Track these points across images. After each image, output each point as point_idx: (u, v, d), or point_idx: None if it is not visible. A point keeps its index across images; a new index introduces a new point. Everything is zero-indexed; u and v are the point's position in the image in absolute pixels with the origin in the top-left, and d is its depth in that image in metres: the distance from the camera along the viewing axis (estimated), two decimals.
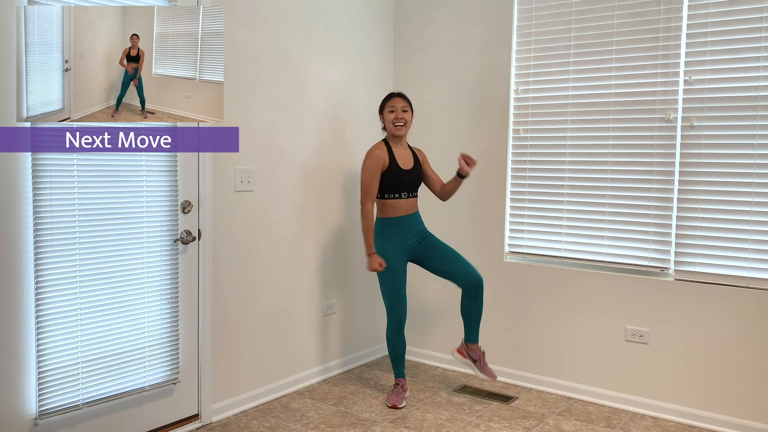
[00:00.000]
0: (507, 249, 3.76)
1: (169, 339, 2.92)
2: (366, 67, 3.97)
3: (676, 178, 3.20)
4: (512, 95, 3.69)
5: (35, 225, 2.43)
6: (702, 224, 3.15)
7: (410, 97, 3.50)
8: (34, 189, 2.41)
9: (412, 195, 3.40)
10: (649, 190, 3.29)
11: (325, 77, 3.68)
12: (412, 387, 3.65)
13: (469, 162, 3.28)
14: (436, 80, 3.97)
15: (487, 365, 3.41)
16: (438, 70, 3.97)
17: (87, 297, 2.61)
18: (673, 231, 3.23)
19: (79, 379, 2.61)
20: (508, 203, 3.74)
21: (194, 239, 2.99)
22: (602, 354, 3.45)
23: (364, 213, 3.31)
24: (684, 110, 3.17)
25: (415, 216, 3.42)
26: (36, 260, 2.44)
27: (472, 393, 3.57)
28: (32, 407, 2.48)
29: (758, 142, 2.99)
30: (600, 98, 3.40)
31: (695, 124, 3.14)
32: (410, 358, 4.09)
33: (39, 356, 2.47)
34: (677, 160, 3.20)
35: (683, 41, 3.16)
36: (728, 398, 3.10)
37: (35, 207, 2.42)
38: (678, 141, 3.19)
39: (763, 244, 3.00)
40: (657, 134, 3.25)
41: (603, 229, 3.43)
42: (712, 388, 3.14)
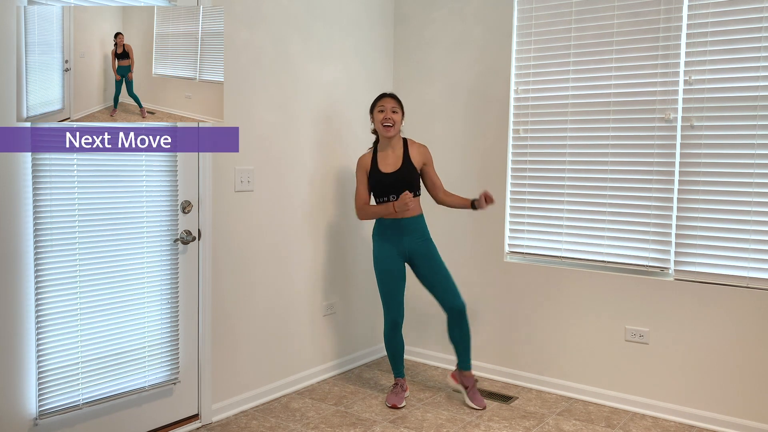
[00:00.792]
0: (507, 249, 3.76)
1: (169, 339, 2.92)
2: (366, 67, 3.97)
3: (676, 178, 3.20)
4: (512, 95, 3.69)
5: (35, 225, 2.43)
6: (702, 224, 3.15)
7: (410, 97, 3.50)
8: (34, 189, 2.41)
9: None
10: (649, 190, 3.29)
11: (325, 77, 3.68)
12: (412, 387, 3.65)
13: (488, 200, 3.27)
14: (436, 80, 3.97)
15: (478, 394, 3.37)
16: (438, 70, 3.97)
17: (87, 297, 2.61)
18: (673, 231, 3.23)
19: (79, 379, 2.61)
20: (508, 203, 3.74)
21: (194, 239, 2.99)
22: (602, 354, 3.45)
23: (359, 210, 3.36)
24: (684, 110, 3.17)
25: (415, 220, 3.33)
26: (36, 260, 2.44)
27: None
28: (32, 407, 2.48)
29: (758, 142, 2.99)
30: (600, 98, 3.40)
31: (695, 124, 3.14)
32: (410, 358, 4.09)
33: (39, 356, 2.47)
34: (677, 160, 3.20)
35: (683, 41, 3.16)
36: (728, 398, 3.10)
37: (35, 207, 2.42)
38: (678, 141, 3.19)
39: (763, 244, 3.00)
40: (657, 134, 3.25)
41: (603, 229, 3.43)
42: (712, 388, 3.14)
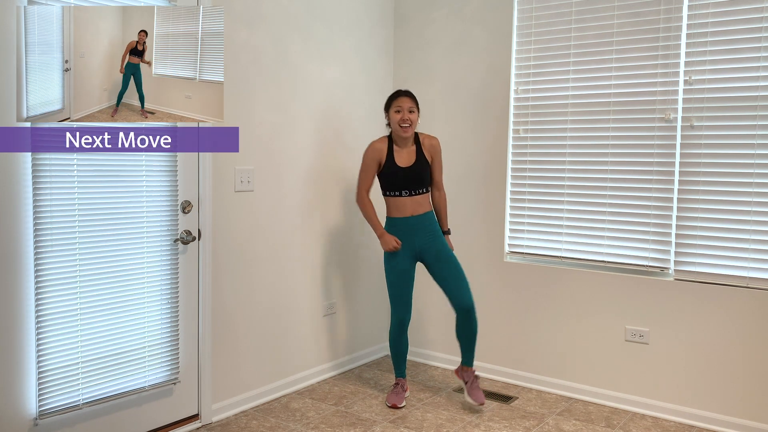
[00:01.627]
0: (507, 249, 3.76)
1: (169, 339, 2.92)
2: (366, 67, 3.96)
3: (676, 178, 3.20)
4: (512, 95, 3.69)
5: (35, 225, 2.43)
6: (702, 224, 3.15)
7: None
8: (34, 189, 2.41)
9: (417, 192, 3.30)
10: (649, 190, 3.29)
11: (325, 77, 3.68)
12: (412, 387, 3.65)
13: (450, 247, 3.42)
14: (436, 80, 3.97)
15: (477, 389, 3.35)
16: (438, 70, 3.97)
17: (87, 297, 2.61)
18: (673, 231, 3.23)
19: (79, 379, 2.61)
20: (508, 203, 3.74)
21: (194, 239, 2.99)
22: (602, 354, 3.45)
23: (359, 200, 3.36)
24: (684, 110, 3.17)
25: (425, 217, 3.33)
26: (36, 260, 2.44)
27: None
28: (32, 407, 2.48)
29: (758, 142, 2.99)
30: (600, 98, 3.40)
31: (695, 124, 3.14)
32: (410, 358, 4.09)
33: (39, 356, 2.47)
34: (677, 160, 3.20)
35: (683, 41, 3.16)
36: (728, 398, 3.10)
37: (35, 207, 2.42)
38: (678, 141, 3.19)
39: (763, 244, 3.00)
40: (657, 134, 3.25)
41: (603, 229, 3.43)
42: (712, 388, 3.14)
